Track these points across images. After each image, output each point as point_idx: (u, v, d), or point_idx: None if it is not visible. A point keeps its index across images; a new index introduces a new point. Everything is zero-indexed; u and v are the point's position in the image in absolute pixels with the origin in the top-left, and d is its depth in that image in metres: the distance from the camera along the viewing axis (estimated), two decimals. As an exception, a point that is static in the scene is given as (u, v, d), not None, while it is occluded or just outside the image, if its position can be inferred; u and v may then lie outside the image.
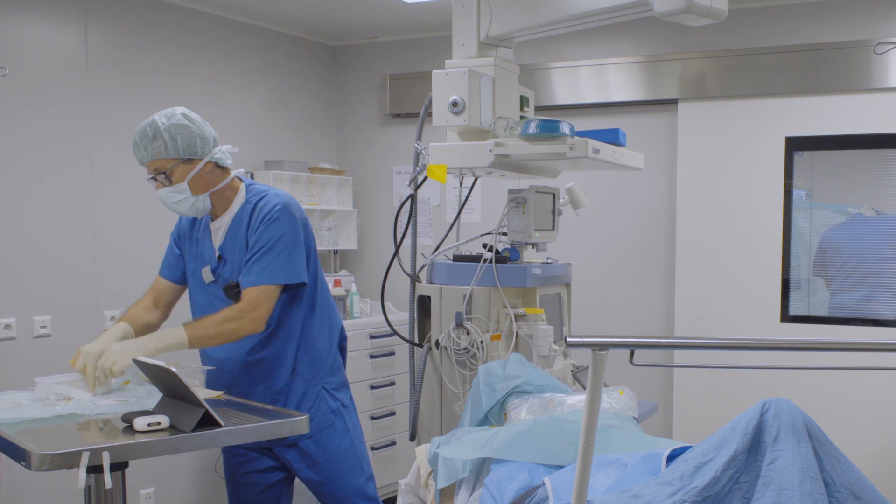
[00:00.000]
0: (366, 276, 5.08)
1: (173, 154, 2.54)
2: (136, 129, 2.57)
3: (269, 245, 2.58)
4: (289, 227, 2.62)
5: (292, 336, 2.73)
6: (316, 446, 2.77)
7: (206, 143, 2.58)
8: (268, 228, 2.60)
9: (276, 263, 2.58)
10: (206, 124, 2.62)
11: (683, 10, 2.40)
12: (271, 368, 2.73)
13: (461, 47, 2.94)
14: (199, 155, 2.58)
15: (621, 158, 2.93)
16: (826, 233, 3.99)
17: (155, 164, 2.57)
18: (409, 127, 4.89)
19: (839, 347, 1.62)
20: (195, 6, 4.24)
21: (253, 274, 2.58)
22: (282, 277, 2.59)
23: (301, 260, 2.65)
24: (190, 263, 2.80)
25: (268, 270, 2.57)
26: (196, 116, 2.60)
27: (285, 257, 2.59)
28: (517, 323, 2.96)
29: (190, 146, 2.55)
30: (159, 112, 2.57)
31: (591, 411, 1.54)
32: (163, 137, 2.53)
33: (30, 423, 2.18)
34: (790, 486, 1.62)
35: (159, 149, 2.54)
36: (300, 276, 2.63)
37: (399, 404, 4.59)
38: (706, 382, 4.19)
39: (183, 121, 2.55)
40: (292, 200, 2.70)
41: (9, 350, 3.49)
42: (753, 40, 4.10)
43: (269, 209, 2.62)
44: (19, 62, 3.51)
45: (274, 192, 2.71)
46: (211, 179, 2.62)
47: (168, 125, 2.53)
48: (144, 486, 3.95)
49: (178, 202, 2.60)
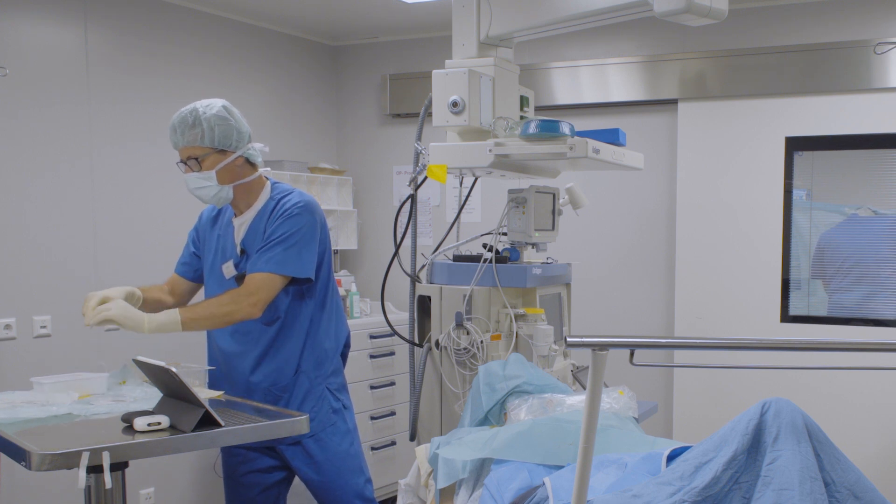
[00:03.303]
0: (366, 276, 5.08)
1: (209, 143, 2.62)
2: (176, 113, 2.65)
3: (283, 237, 2.64)
4: (306, 223, 2.68)
5: (300, 333, 2.76)
6: (317, 445, 2.78)
7: (241, 137, 2.67)
8: (285, 222, 2.66)
9: (285, 255, 2.63)
10: (243, 120, 2.70)
11: (683, 10, 2.40)
12: (277, 364, 2.74)
13: (461, 47, 2.94)
14: (233, 148, 2.66)
15: (621, 158, 2.93)
16: (823, 234, 3.99)
17: (188, 151, 2.64)
18: (409, 127, 4.89)
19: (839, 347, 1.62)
20: (195, 6, 4.24)
21: (261, 262, 2.63)
22: (287, 269, 2.63)
23: (311, 257, 2.69)
24: (209, 258, 2.85)
25: (275, 260, 2.62)
26: (235, 111, 2.69)
27: (296, 251, 2.64)
28: (517, 323, 2.96)
29: (226, 138, 2.63)
30: (200, 101, 2.66)
31: (591, 411, 1.54)
32: (202, 126, 2.60)
33: (27, 424, 2.18)
34: (790, 486, 1.62)
35: (196, 136, 2.61)
36: (307, 271, 2.67)
37: (399, 404, 4.59)
38: (706, 382, 4.19)
39: (223, 113, 2.64)
40: (315, 201, 2.78)
41: (9, 350, 3.49)
42: (753, 40, 4.10)
43: (290, 205, 2.69)
44: (19, 62, 3.51)
45: (298, 191, 2.78)
46: (239, 173, 2.70)
47: (209, 115, 2.61)
48: (144, 486, 3.94)
49: (202, 188, 2.66)
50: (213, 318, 2.58)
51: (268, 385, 2.75)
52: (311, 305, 2.76)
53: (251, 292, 2.58)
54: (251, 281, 2.61)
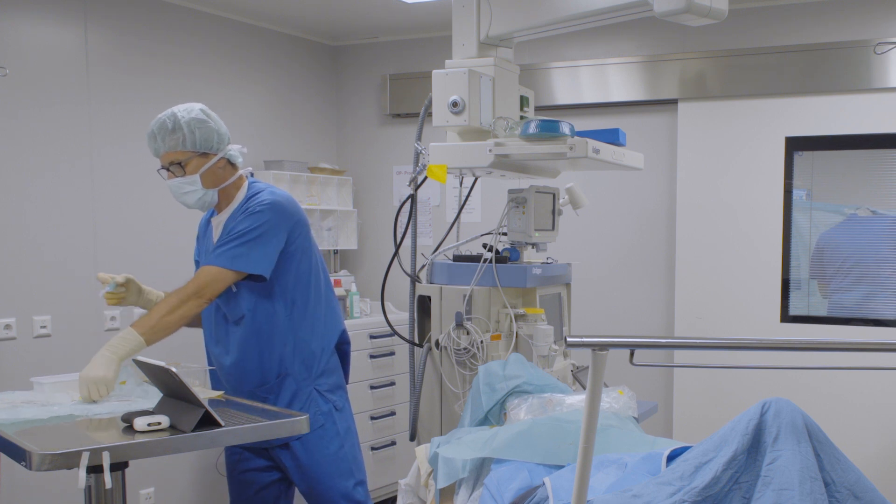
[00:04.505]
0: (366, 276, 5.08)
1: (190, 147, 2.61)
2: (154, 120, 2.63)
3: (241, 233, 2.63)
4: (267, 220, 2.64)
5: (275, 333, 2.72)
6: (303, 448, 2.77)
7: (221, 139, 2.67)
8: (246, 218, 2.65)
9: (237, 251, 2.61)
10: (221, 122, 2.70)
11: (683, 10, 2.40)
12: (256, 365, 2.73)
13: (461, 47, 2.94)
14: (214, 150, 2.66)
15: (621, 158, 2.93)
16: (822, 234, 3.99)
17: (170, 156, 2.63)
18: (409, 127, 4.89)
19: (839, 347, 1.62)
20: (195, 6, 4.24)
21: (213, 256, 2.63)
22: (237, 264, 2.61)
23: (268, 253, 2.64)
24: (202, 259, 2.85)
25: (226, 255, 2.61)
26: (213, 113, 2.68)
27: (249, 247, 2.62)
28: (517, 323, 2.96)
29: (207, 141, 2.63)
30: (178, 106, 2.64)
31: (591, 411, 1.54)
32: (182, 130, 2.60)
33: (27, 424, 2.18)
34: (790, 486, 1.62)
35: (177, 141, 2.60)
36: (259, 268, 2.62)
37: (399, 404, 4.59)
38: (706, 382, 4.19)
39: (202, 116, 2.63)
40: (286, 199, 2.73)
41: (9, 350, 3.49)
42: (753, 40, 4.10)
43: (255, 203, 2.68)
44: (19, 62, 3.51)
45: (270, 189, 2.75)
46: (222, 175, 2.70)
47: (188, 119, 2.60)
48: (144, 486, 3.94)
49: (186, 193, 2.66)
50: (171, 326, 2.56)
51: (251, 387, 2.74)
52: (283, 305, 2.72)
53: (197, 288, 2.57)
54: (199, 275, 2.61)
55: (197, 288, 2.58)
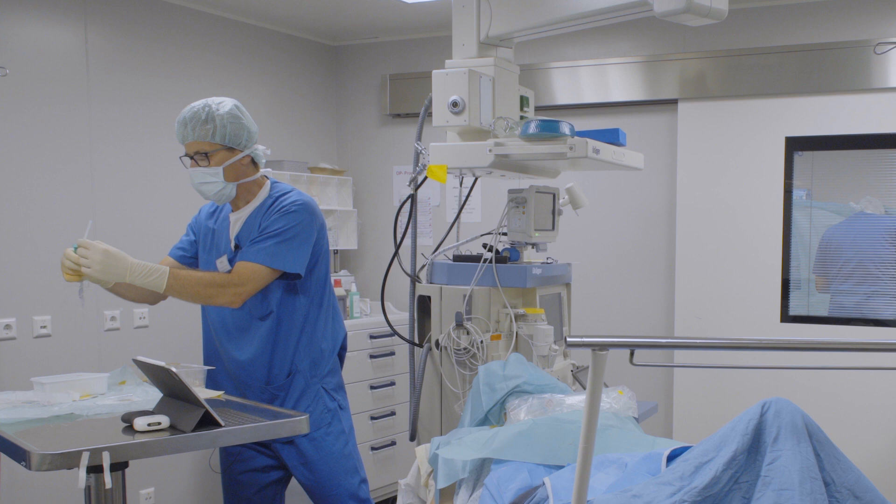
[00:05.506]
0: (366, 276, 5.08)
1: (219, 140, 2.64)
2: (187, 108, 2.67)
3: (277, 231, 2.66)
4: (302, 221, 2.69)
5: (294, 330, 2.76)
6: (311, 445, 2.78)
7: (250, 137, 2.71)
8: (282, 217, 2.68)
9: (276, 249, 2.64)
10: (252, 121, 2.74)
11: (683, 10, 2.40)
12: (272, 362, 2.75)
13: (461, 47, 2.94)
14: (242, 147, 2.69)
15: (621, 158, 2.93)
16: (828, 230, 3.99)
17: (197, 146, 2.65)
18: (409, 127, 4.89)
19: (839, 347, 1.62)
20: (195, 6, 4.24)
21: (251, 252, 2.65)
22: (277, 262, 2.64)
23: (303, 253, 2.69)
24: (203, 255, 2.86)
25: (265, 252, 2.63)
26: (245, 111, 2.73)
27: (287, 246, 2.65)
28: (517, 323, 2.96)
29: (237, 136, 2.66)
30: (212, 98, 2.69)
31: (591, 411, 1.54)
32: (214, 122, 2.63)
33: (28, 424, 2.18)
34: (790, 486, 1.62)
35: (208, 132, 2.63)
36: (296, 266, 2.67)
37: (399, 404, 4.59)
38: (706, 382, 4.19)
39: (236, 111, 2.67)
40: (313, 202, 2.79)
41: (9, 350, 3.49)
42: (753, 40, 4.10)
43: (289, 202, 2.72)
44: (19, 62, 3.51)
45: (298, 191, 2.80)
46: (244, 172, 2.72)
47: (222, 113, 2.64)
48: (144, 486, 3.94)
49: (207, 184, 2.68)
50: (195, 297, 2.61)
51: (262, 384, 2.76)
52: (306, 303, 2.77)
53: (238, 283, 2.60)
54: (240, 270, 2.62)
55: (236, 282, 2.59)
